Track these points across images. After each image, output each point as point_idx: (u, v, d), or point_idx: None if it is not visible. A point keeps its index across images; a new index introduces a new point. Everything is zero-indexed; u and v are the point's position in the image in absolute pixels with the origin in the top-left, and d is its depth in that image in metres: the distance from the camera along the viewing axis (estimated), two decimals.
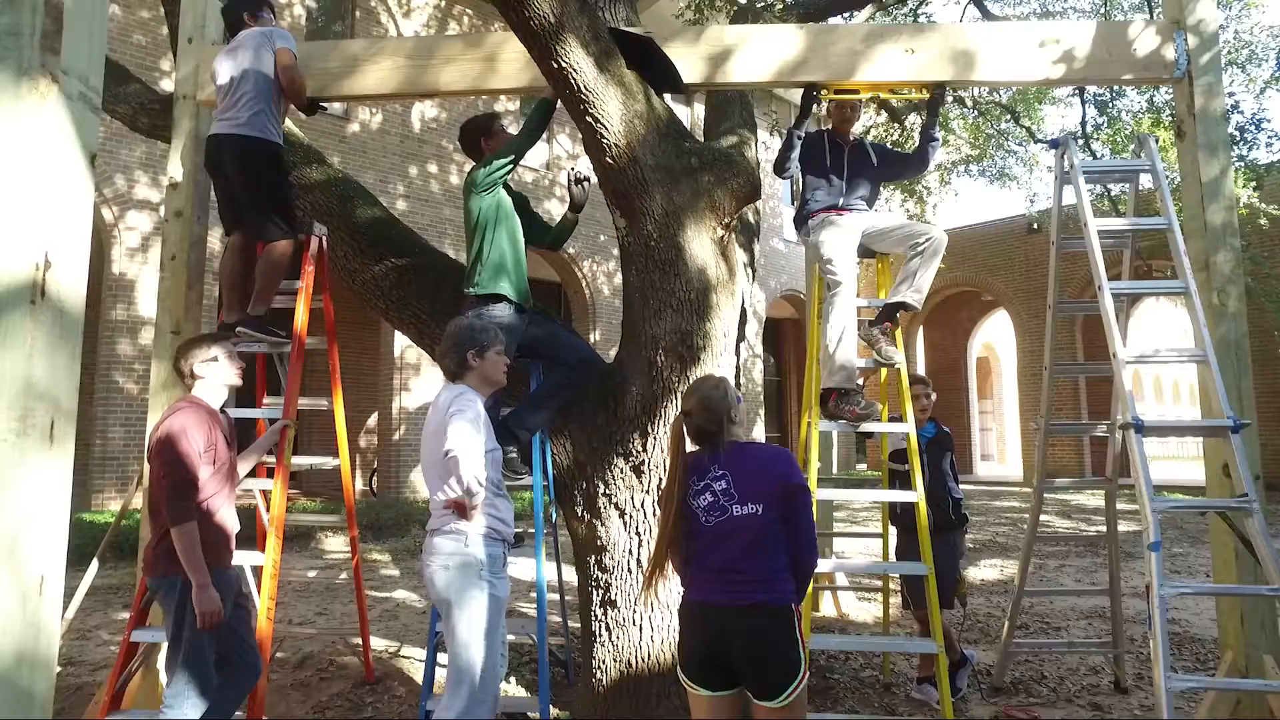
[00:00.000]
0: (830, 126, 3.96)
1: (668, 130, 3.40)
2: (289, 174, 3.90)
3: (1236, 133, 9.72)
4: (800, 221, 3.85)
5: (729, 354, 3.48)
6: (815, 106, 3.53)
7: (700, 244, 3.36)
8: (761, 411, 16.43)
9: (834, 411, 3.51)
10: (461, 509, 2.58)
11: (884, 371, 3.92)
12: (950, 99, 11.64)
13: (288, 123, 4.19)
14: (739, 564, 2.18)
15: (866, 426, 3.45)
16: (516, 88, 3.64)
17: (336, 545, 9.02)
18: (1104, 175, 3.30)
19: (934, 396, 4.15)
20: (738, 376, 4.44)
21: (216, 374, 2.83)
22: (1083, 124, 11.16)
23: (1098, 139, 11.39)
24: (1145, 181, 3.67)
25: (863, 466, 18.07)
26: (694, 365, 3.33)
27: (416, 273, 3.98)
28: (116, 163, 9.29)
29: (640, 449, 3.42)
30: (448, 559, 2.57)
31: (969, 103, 12.42)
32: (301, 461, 3.95)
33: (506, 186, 3.48)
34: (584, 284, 14.12)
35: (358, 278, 4.10)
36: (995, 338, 23.93)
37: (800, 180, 3.88)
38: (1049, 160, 13.05)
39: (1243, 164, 10.25)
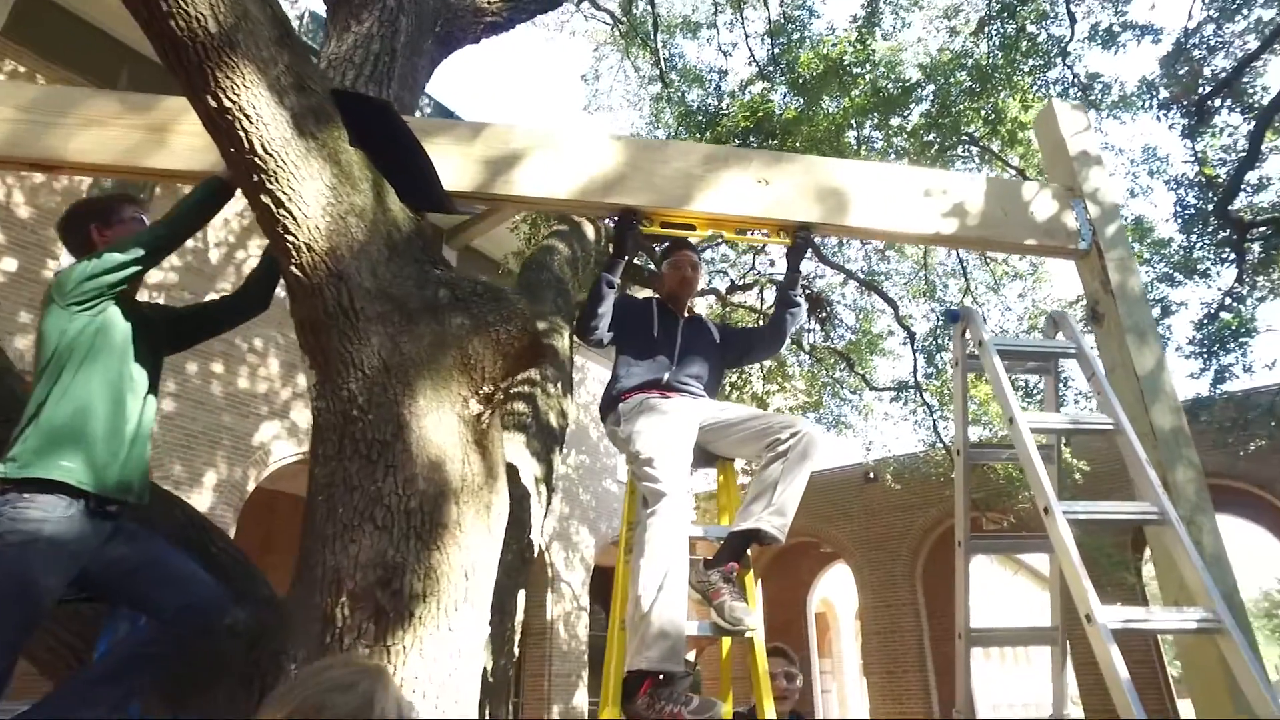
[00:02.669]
0: (663, 293, 2.94)
1: (406, 246, 2.22)
2: None
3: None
4: (608, 406, 2.66)
5: (476, 608, 2.06)
6: (635, 242, 2.50)
7: (439, 422, 2.06)
8: (585, 673, 14.27)
9: (646, 713, 2.09)
10: None
11: (726, 642, 2.59)
12: (803, 334, 11.57)
13: None
14: None
15: None
16: (189, 170, 2.40)
17: None
18: (1016, 358, 2.36)
19: (800, 680, 2.84)
20: (505, 646, 2.93)
21: None
22: (914, 372, 11.25)
23: (926, 389, 11.48)
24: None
25: None
26: (401, 625, 1.88)
27: None
28: None
29: None
30: None
31: (807, 347, 12.46)
32: None
33: (133, 308, 2.11)
34: None
35: None
36: (832, 591, 23.22)
37: (613, 353, 2.75)
38: (885, 409, 13.05)
39: None
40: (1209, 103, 9.79)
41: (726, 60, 13.25)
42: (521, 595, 3.02)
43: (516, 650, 2.96)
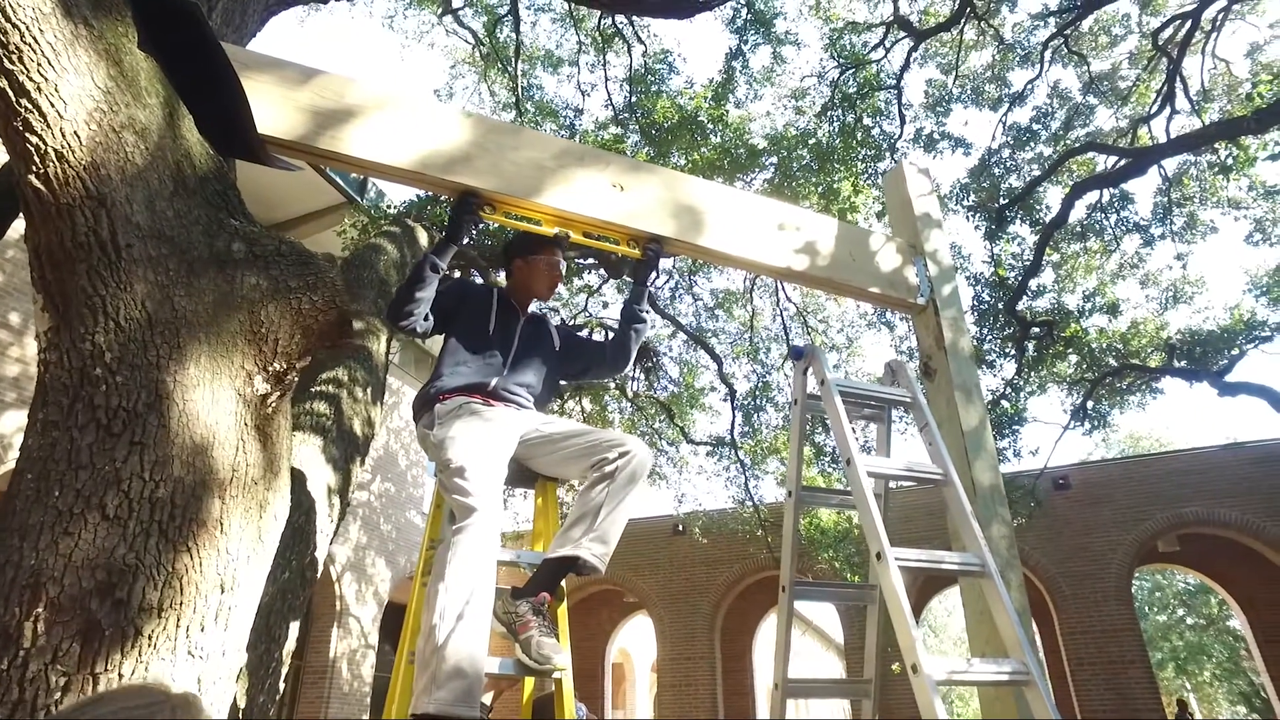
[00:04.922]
0: (508, 283, 2.68)
1: (199, 186, 1.84)
2: None
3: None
4: (424, 405, 2.34)
5: (230, 630, 1.67)
6: (473, 229, 2.24)
7: (212, 397, 1.69)
8: (366, 717, 13.16)
9: None
10: None
11: (528, 684, 2.32)
12: (626, 382, 11.53)
13: None
14: None
15: None
16: None
17: None
18: (855, 401, 2.31)
19: None
20: (269, 680, 2.48)
21: None
22: (731, 429, 11.52)
23: (741, 447, 11.79)
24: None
25: None
26: (121, 646, 1.47)
27: None
28: None
29: None
30: None
31: (629, 395, 12.47)
32: None
33: None
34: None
35: None
36: (631, 642, 23.13)
37: (435, 344, 2.45)
38: (700, 463, 13.23)
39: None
40: (1006, 213, 10.93)
41: (584, 99, 13.28)
42: (295, 622, 2.58)
43: (283, 685, 2.51)
